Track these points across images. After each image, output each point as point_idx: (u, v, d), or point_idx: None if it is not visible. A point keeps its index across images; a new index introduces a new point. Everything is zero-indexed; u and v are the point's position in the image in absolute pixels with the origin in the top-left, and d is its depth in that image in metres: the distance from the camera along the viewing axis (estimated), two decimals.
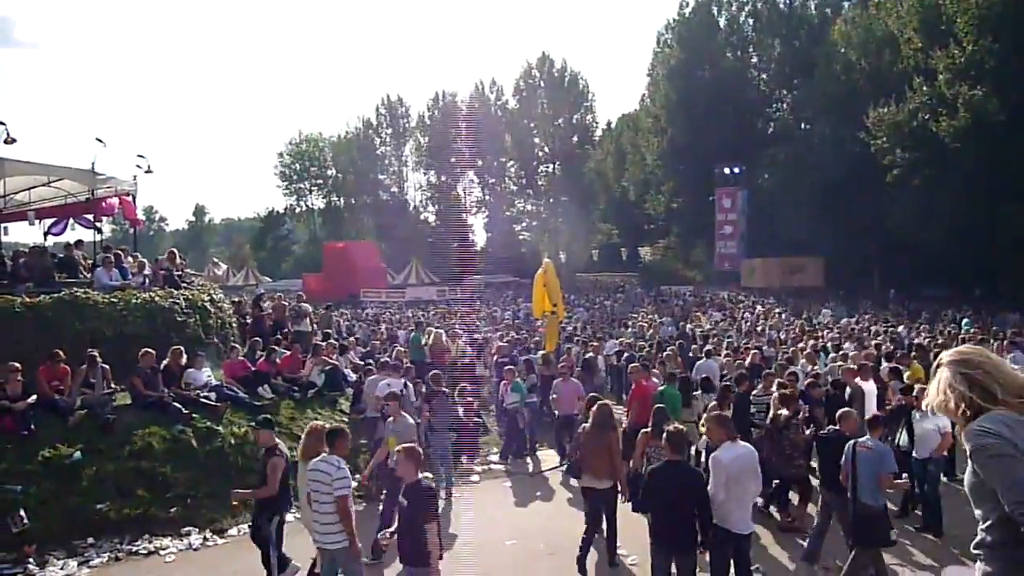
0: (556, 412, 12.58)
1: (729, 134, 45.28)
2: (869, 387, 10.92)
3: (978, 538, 2.88)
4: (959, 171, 29.84)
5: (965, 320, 23.63)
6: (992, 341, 16.53)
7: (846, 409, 8.13)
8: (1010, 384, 2.87)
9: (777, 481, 9.48)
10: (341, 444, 6.43)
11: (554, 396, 12.66)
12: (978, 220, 29.72)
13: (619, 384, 17.26)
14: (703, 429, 8.45)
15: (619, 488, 7.78)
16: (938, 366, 3.05)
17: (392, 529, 6.05)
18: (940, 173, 30.54)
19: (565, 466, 10.35)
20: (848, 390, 10.91)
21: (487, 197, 70.44)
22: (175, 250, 16.42)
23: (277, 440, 7.48)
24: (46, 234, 16.71)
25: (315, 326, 17.56)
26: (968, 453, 2.81)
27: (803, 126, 44.20)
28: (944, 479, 9.35)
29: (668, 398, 10.63)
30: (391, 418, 8.71)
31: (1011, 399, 2.84)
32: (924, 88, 31.52)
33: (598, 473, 7.68)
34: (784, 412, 9.19)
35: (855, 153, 35.00)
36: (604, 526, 7.94)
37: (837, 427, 7.75)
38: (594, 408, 8.00)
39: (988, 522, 2.82)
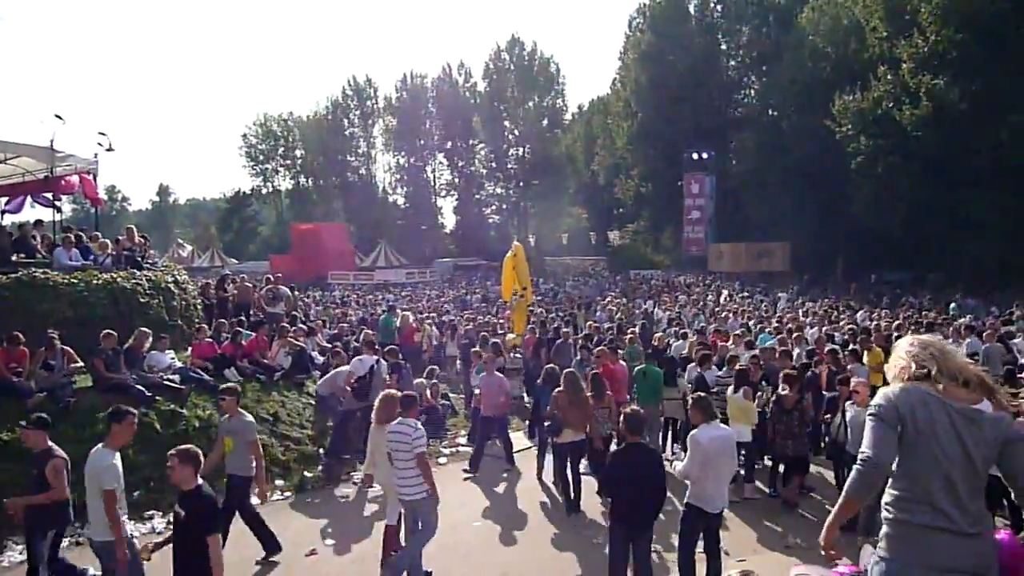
0: (479, 409, 11.52)
1: (698, 119, 45.63)
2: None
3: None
4: (920, 158, 30.43)
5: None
6: (947, 327, 16.92)
7: None
8: (947, 366, 3.17)
9: (771, 461, 10.00)
10: (414, 410, 7.23)
11: (477, 391, 11.80)
12: (938, 207, 30.31)
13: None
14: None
15: (591, 438, 9.30)
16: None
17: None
18: (902, 160, 31.08)
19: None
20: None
21: (456, 180, 70.21)
22: (133, 227, 16.08)
23: (51, 442, 6.62)
24: (2, 212, 16.32)
25: (289, 309, 17.24)
26: None
27: (771, 112, 44.57)
28: None
29: (651, 375, 11.16)
30: (227, 415, 7.84)
31: (942, 379, 3.13)
32: (888, 77, 31.99)
33: (576, 427, 9.18)
34: (789, 393, 9.36)
35: (821, 140, 35.43)
36: (570, 477, 9.23)
37: None
38: (565, 374, 9.45)
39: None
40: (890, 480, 3.19)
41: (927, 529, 3.05)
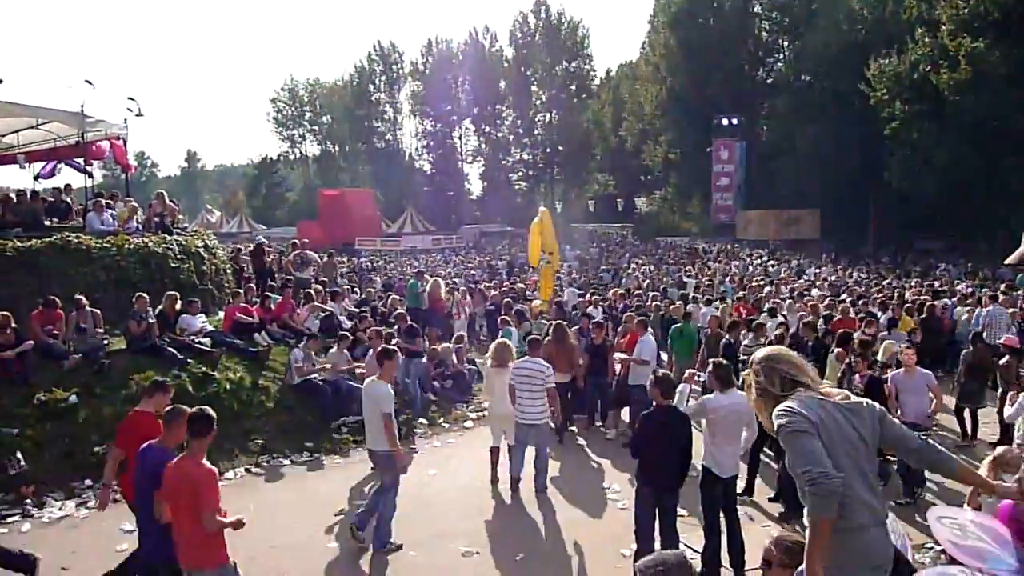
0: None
1: (730, 84, 44.73)
2: None
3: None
4: (958, 124, 29.60)
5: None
6: (976, 294, 16.79)
7: None
8: (812, 373, 3.38)
9: None
10: (537, 350, 8.94)
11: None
12: (975, 174, 29.58)
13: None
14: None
15: (576, 379, 10.91)
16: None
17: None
18: (938, 126, 30.28)
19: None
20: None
21: (483, 146, 69.87)
22: (164, 193, 16.25)
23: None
24: (36, 177, 16.55)
25: (317, 274, 17.32)
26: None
27: (803, 77, 43.60)
28: None
29: (686, 333, 11.93)
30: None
31: (812, 383, 3.30)
32: (926, 39, 31.01)
33: (562, 369, 10.34)
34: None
35: (854, 105, 34.66)
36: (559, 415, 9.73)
37: None
38: (553, 325, 11.11)
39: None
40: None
41: (863, 529, 3.11)
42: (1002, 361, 10.11)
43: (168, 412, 5.35)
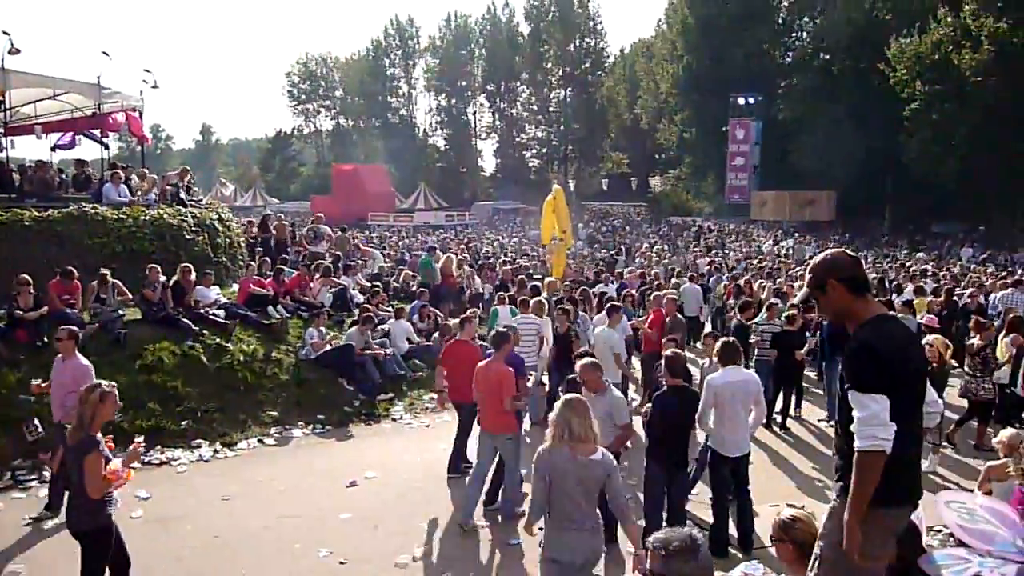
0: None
1: (748, 63, 44.15)
2: None
3: None
4: (979, 106, 29.18)
5: None
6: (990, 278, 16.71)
7: None
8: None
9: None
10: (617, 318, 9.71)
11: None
12: (996, 157, 29.18)
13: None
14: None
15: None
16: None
17: None
18: (959, 107, 29.87)
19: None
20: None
21: (497, 122, 69.55)
22: (188, 168, 16.33)
23: None
24: (54, 148, 16.61)
25: (332, 248, 17.37)
26: None
27: (822, 56, 43.02)
28: None
29: None
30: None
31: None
32: (948, 19, 30.52)
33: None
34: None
35: (873, 85, 34.22)
36: None
37: None
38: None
39: None
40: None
41: None
42: None
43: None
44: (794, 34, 48.19)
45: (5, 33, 12.02)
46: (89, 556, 4.87)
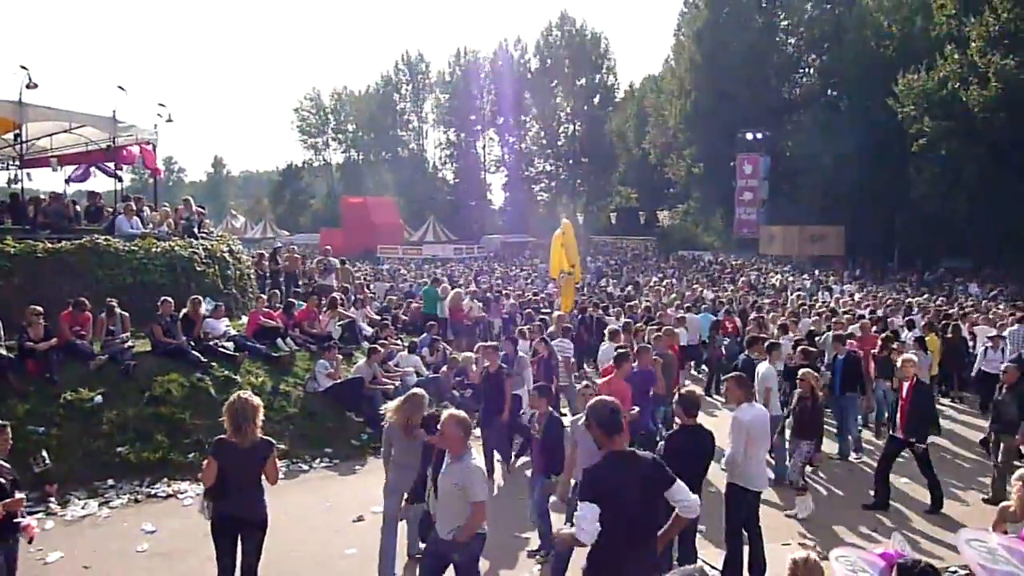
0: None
1: (755, 99, 44.45)
2: None
3: None
4: (987, 142, 29.27)
5: None
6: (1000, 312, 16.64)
7: None
8: None
9: None
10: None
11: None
12: (1005, 193, 29.15)
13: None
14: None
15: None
16: None
17: None
18: (967, 143, 29.95)
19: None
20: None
21: (506, 156, 70.11)
22: (191, 198, 16.46)
23: None
24: (68, 180, 16.81)
25: (339, 281, 17.44)
26: None
27: (830, 92, 43.31)
28: None
29: None
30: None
31: None
32: (955, 56, 30.72)
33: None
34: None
35: (881, 121, 34.37)
36: None
37: None
38: None
39: None
40: None
41: None
42: None
43: None
44: (800, 70, 48.60)
45: (23, 68, 12.23)
46: None
